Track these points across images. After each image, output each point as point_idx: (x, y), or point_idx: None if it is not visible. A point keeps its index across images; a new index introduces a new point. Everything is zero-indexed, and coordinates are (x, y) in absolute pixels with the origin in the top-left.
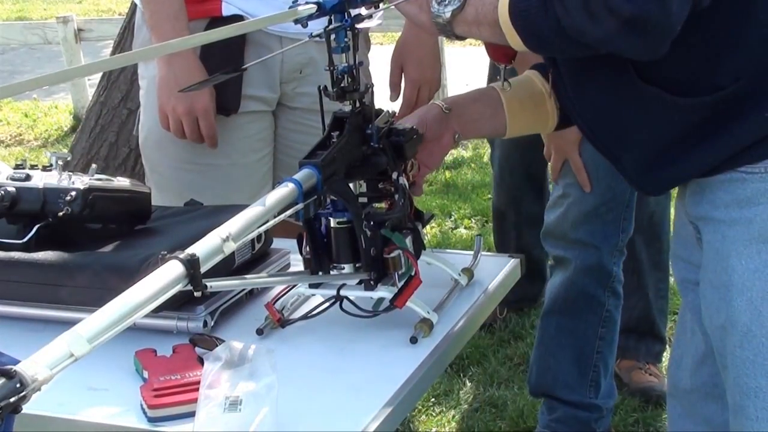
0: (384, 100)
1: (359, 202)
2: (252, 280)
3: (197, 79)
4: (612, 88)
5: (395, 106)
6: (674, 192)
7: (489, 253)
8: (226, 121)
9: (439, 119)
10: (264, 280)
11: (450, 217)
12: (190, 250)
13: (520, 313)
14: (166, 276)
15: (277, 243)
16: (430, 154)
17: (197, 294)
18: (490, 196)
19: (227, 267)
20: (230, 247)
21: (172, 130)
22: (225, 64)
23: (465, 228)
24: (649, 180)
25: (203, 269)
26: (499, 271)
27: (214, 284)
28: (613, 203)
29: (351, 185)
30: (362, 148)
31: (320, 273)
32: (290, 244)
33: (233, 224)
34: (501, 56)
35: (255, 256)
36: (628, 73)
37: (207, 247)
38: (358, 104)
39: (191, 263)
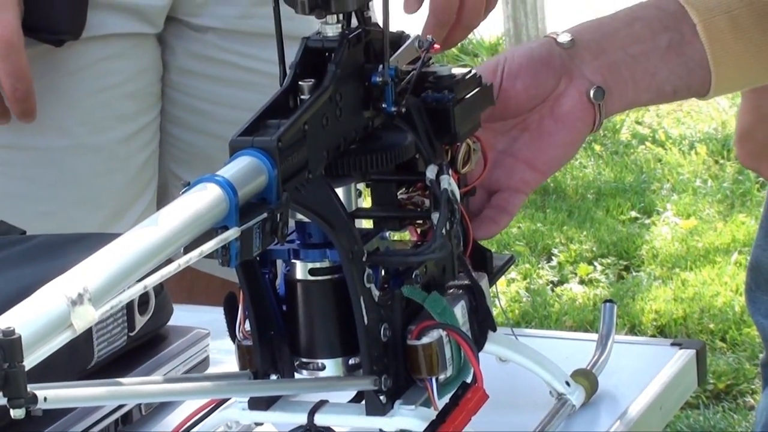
0: (403, 18)
1: (357, 228)
2: (132, 388)
3: None
4: None
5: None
6: None
7: (632, 338)
8: (58, 59)
9: (548, 58)
10: (157, 390)
11: (549, 261)
12: (1, 323)
13: None
14: None
15: (182, 314)
16: (535, 138)
17: (16, 415)
18: (637, 214)
19: (79, 362)
20: (86, 317)
21: None
22: None
23: (582, 283)
24: None
25: (29, 363)
26: (653, 374)
27: (51, 396)
28: None
29: (340, 192)
30: (364, 115)
31: (273, 377)
32: (210, 316)
33: (90, 273)
34: None
35: (137, 340)
36: None
37: (37, 317)
38: (354, 21)
39: (6, 348)
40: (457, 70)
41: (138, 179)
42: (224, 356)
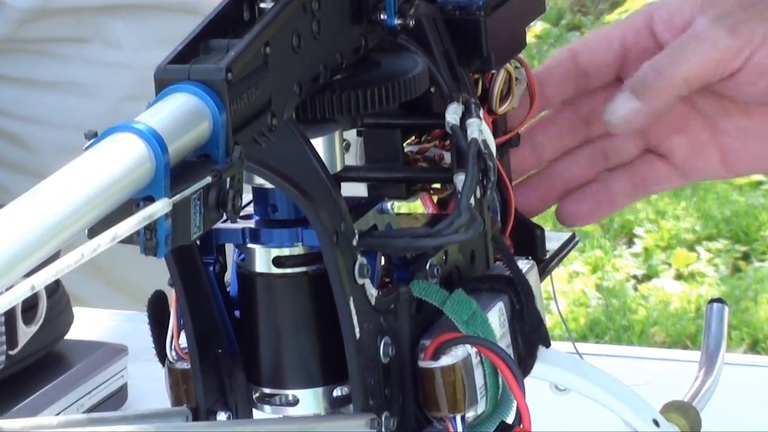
0: None
1: (345, 197)
2: (17, 425)
3: None
4: None
5: None
6: None
7: (752, 358)
8: None
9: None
10: None
11: (630, 245)
12: None
13: None
14: None
15: (88, 323)
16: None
17: None
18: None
19: None
20: None
21: None
22: None
23: (679, 278)
24: None
25: None
26: None
27: None
28: None
29: (319, 144)
30: (354, 31)
31: (221, 415)
32: (128, 327)
33: None
34: None
35: (21, 361)
36: None
37: None
38: None
39: None
40: None
41: None
42: (149, 384)
